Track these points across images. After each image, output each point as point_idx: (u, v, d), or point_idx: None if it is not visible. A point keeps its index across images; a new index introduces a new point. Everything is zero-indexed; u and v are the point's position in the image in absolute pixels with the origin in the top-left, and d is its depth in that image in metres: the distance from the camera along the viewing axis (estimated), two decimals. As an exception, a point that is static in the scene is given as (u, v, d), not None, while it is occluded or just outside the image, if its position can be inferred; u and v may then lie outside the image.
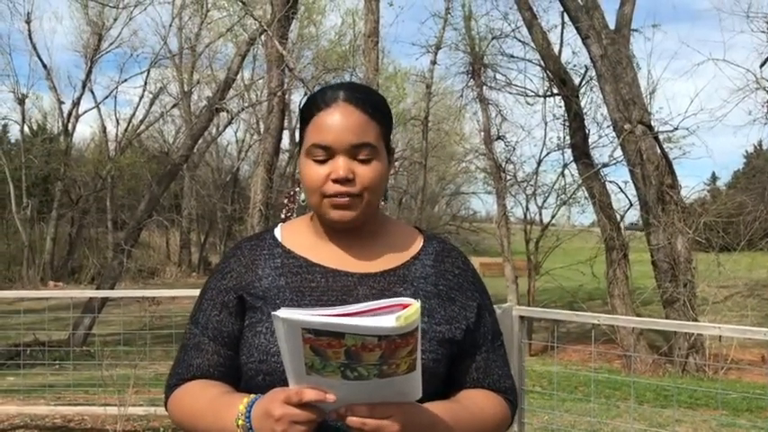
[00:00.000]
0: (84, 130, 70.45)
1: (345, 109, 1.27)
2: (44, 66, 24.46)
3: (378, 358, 1.01)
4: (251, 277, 1.31)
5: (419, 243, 1.38)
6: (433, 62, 17.95)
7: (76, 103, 24.86)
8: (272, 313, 1.01)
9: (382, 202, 1.35)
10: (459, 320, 1.31)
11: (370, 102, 1.30)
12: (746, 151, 34.38)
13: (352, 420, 1.07)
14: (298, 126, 1.34)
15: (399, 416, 1.08)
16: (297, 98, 27.52)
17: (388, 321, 0.97)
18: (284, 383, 1.10)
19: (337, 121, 1.26)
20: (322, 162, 1.27)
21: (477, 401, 1.30)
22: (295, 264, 1.31)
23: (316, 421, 1.07)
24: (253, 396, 1.16)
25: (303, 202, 1.37)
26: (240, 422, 1.13)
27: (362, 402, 1.08)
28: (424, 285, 1.31)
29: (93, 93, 26.09)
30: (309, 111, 1.30)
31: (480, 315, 1.35)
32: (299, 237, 1.36)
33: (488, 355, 1.36)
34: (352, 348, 1.00)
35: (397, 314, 0.97)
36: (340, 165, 1.25)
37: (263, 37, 11.41)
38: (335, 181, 1.25)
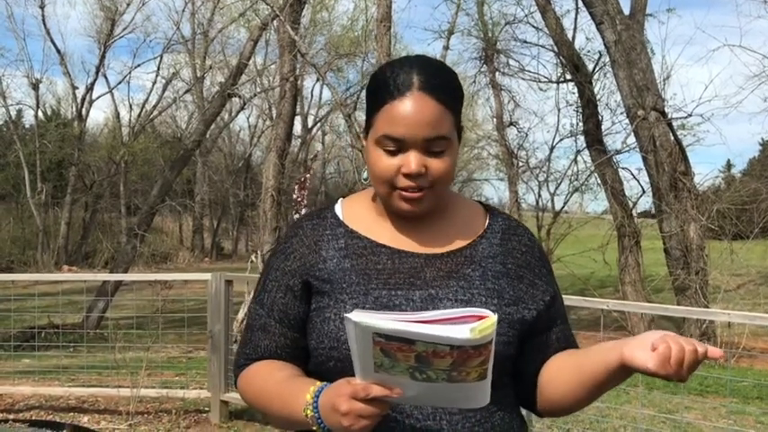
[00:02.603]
0: (98, 116, 70.83)
1: (420, 99, 1.19)
2: (58, 51, 24.58)
3: (448, 365, 1.00)
4: (315, 259, 1.29)
5: (484, 220, 1.35)
6: (446, 47, 17.92)
7: (90, 89, 24.94)
8: (345, 315, 1.00)
9: None
10: (526, 300, 1.28)
11: (446, 88, 1.23)
12: (762, 138, 34.10)
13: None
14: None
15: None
16: (309, 83, 27.55)
17: (462, 332, 0.95)
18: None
19: (411, 114, 1.19)
20: (392, 153, 1.22)
21: None
22: (359, 245, 1.29)
23: (381, 415, 1.07)
24: (319, 385, 1.15)
25: (365, 180, 1.33)
26: (309, 413, 1.13)
27: (432, 400, 1.10)
28: (492, 265, 1.28)
29: (106, 78, 26.29)
30: (381, 97, 1.23)
31: (554, 292, 1.34)
32: (361, 215, 1.34)
33: (564, 326, 1.34)
34: (423, 354, 0.99)
35: (471, 326, 0.95)
36: (412, 160, 1.20)
37: (275, 22, 11.40)
38: (407, 175, 1.21)
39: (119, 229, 25.98)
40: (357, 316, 1.00)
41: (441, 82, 1.23)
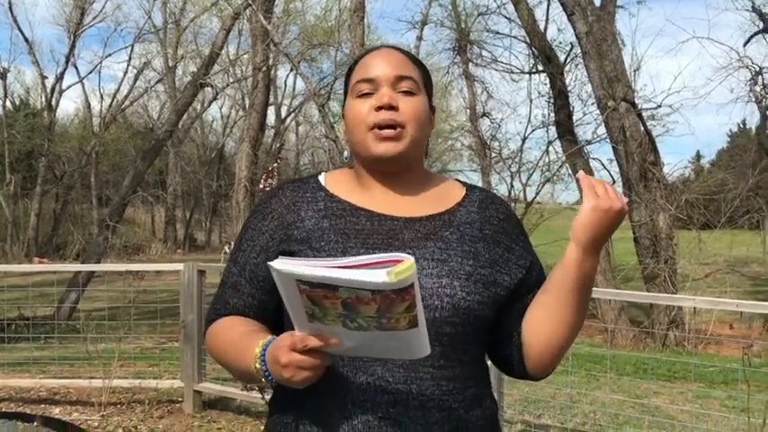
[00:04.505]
0: (68, 106, 69.83)
1: (388, 51, 1.37)
2: (26, 40, 24.15)
3: (375, 311, 1.00)
4: (293, 218, 1.32)
5: (462, 192, 1.40)
6: (419, 38, 17.93)
7: (60, 78, 24.57)
8: (268, 263, 1.02)
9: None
10: (500, 264, 1.32)
11: (413, 56, 1.40)
12: (730, 129, 34.66)
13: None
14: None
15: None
16: (282, 73, 27.38)
17: (379, 276, 0.96)
18: None
19: (381, 58, 1.35)
20: (367, 96, 1.32)
21: None
22: (339, 207, 1.32)
23: (322, 366, 1.10)
24: (268, 338, 1.18)
25: (347, 159, 1.40)
26: (257, 365, 1.16)
27: (371, 351, 1.11)
28: (470, 230, 1.32)
29: (76, 68, 25.87)
30: (357, 62, 1.39)
31: (533, 258, 1.38)
32: (343, 183, 1.38)
33: None
34: (348, 301, 1.00)
35: (388, 269, 0.96)
36: (384, 92, 1.30)
37: (247, 11, 11.33)
38: (380, 108, 1.29)
39: (90, 221, 25.69)
40: (279, 264, 1.01)
41: (406, 51, 1.41)
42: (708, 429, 4.94)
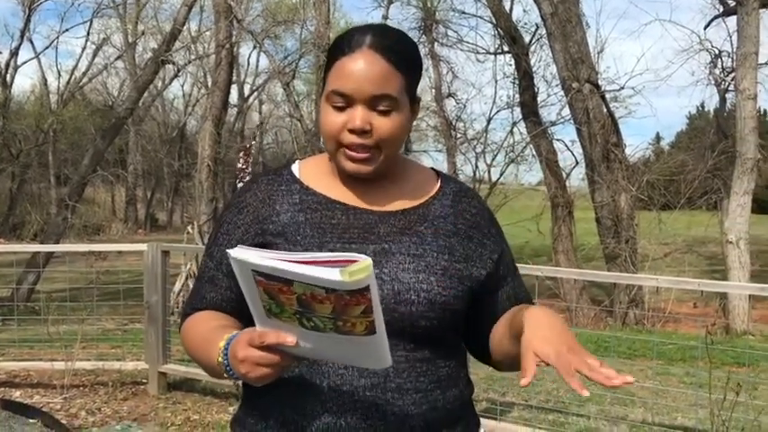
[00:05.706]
0: (24, 82, 67.97)
1: (370, 56, 1.23)
2: (-21, 13, 23.47)
3: (330, 312, 0.98)
4: (268, 212, 1.30)
5: (437, 184, 1.39)
6: (385, 17, 17.79)
7: (14, 54, 23.94)
8: (227, 251, 1.01)
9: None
10: (474, 258, 1.32)
11: (398, 50, 1.26)
12: (689, 112, 35.29)
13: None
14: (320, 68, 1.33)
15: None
16: (245, 51, 27.05)
17: (332, 274, 0.93)
18: None
19: (359, 69, 1.22)
20: (340, 109, 1.24)
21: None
22: (314, 200, 1.31)
23: (280, 365, 1.07)
24: (234, 333, 1.16)
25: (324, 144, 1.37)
26: (219, 359, 1.14)
27: (331, 354, 1.09)
28: (444, 224, 1.32)
29: (32, 43, 25.25)
30: (334, 55, 1.27)
31: (502, 251, 1.38)
32: (317, 175, 1.35)
33: (514, 283, 1.39)
34: (303, 297, 0.97)
35: (342, 268, 0.93)
36: (357, 115, 1.22)
37: (210, -13, 11.13)
38: (352, 131, 1.23)
39: (48, 200, 25.18)
40: (237, 252, 0.99)
41: (393, 44, 1.26)
42: (667, 405, 5.06)
